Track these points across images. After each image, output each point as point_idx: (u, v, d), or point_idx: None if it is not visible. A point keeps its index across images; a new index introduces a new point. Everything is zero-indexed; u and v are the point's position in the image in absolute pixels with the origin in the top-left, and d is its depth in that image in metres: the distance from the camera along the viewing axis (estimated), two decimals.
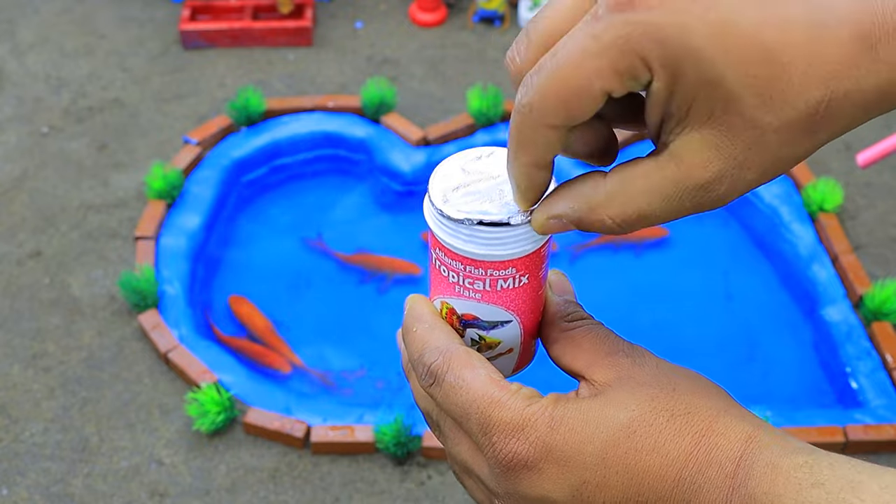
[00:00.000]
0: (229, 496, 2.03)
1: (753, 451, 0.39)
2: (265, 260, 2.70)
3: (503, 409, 0.42)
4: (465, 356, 0.44)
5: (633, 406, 0.41)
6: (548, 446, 0.41)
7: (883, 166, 2.79)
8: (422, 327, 0.47)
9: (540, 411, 0.42)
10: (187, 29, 3.24)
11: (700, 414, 0.41)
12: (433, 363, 0.45)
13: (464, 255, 0.44)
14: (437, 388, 0.44)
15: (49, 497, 2.03)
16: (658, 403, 0.41)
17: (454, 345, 0.45)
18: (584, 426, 0.41)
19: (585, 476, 0.41)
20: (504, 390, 0.43)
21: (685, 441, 0.40)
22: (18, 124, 2.98)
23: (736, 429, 0.41)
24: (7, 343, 2.34)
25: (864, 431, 2.09)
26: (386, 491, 2.04)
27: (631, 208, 0.39)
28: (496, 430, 0.42)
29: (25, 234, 2.62)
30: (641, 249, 2.74)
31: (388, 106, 2.89)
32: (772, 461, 0.38)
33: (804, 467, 0.37)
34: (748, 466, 0.38)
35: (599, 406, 0.42)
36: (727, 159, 0.37)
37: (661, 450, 0.40)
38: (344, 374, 2.42)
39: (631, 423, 0.41)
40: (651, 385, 0.42)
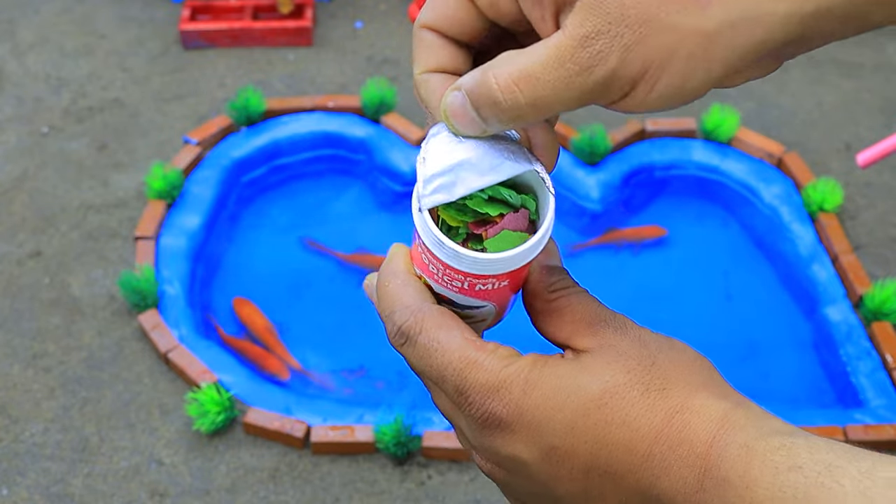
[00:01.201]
0: (229, 496, 2.03)
1: (727, 432, 0.38)
2: (265, 260, 2.70)
3: (479, 371, 0.42)
4: (438, 316, 0.44)
5: (608, 377, 0.41)
6: (521, 409, 0.41)
7: (883, 166, 2.79)
8: (394, 283, 0.46)
9: (516, 373, 0.41)
10: (187, 29, 3.24)
11: (676, 390, 0.40)
12: (405, 323, 0.44)
13: (444, 263, 0.44)
14: (410, 349, 0.44)
15: (49, 497, 2.03)
16: (633, 376, 0.41)
17: (426, 305, 0.44)
18: (556, 393, 0.41)
19: (554, 442, 0.41)
20: (481, 350, 0.42)
21: (657, 417, 0.40)
22: (18, 124, 2.98)
23: (711, 408, 0.40)
24: (7, 343, 2.34)
25: (864, 431, 2.09)
26: (386, 491, 2.04)
27: (515, 68, 0.38)
28: (472, 391, 0.42)
29: (25, 234, 2.62)
30: (640, 249, 2.74)
31: (388, 106, 2.89)
32: (747, 443, 0.37)
33: (781, 450, 0.36)
34: (721, 448, 0.38)
35: (574, 373, 0.41)
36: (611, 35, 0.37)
37: (631, 424, 0.40)
38: (344, 374, 2.42)
39: (603, 395, 0.40)
40: (630, 356, 0.42)
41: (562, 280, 0.46)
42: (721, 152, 2.82)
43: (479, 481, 2.06)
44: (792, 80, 3.17)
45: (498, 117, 0.40)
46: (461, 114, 0.41)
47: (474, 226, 0.44)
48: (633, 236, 2.76)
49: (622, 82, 0.38)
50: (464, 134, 0.42)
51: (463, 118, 0.41)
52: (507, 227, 0.44)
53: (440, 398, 0.46)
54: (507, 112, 0.39)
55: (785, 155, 2.78)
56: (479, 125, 0.41)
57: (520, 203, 0.44)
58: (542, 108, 0.39)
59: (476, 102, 0.40)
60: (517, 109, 0.39)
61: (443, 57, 0.44)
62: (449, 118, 0.42)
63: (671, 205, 2.84)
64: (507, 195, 0.44)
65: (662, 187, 2.86)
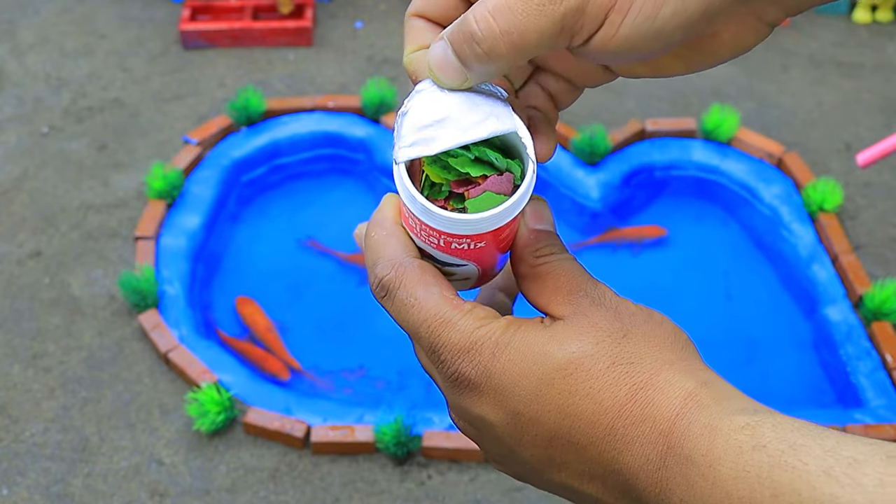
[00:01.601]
0: (229, 496, 2.03)
1: (692, 410, 0.38)
2: (265, 260, 2.70)
3: (452, 330, 0.42)
4: (418, 272, 0.44)
5: (576, 346, 0.41)
6: (488, 371, 0.41)
7: (883, 166, 2.79)
8: (380, 233, 0.46)
9: (487, 335, 0.41)
10: (187, 29, 3.24)
11: (643, 364, 0.40)
12: (385, 276, 0.44)
13: (418, 218, 0.43)
14: (389, 302, 0.44)
15: (49, 497, 2.03)
16: (602, 348, 0.41)
17: (408, 259, 0.44)
18: (523, 358, 0.41)
19: (519, 408, 0.41)
20: (456, 310, 0.42)
21: (621, 391, 0.39)
22: (18, 124, 2.98)
23: (677, 385, 0.39)
24: (7, 343, 2.34)
25: (864, 431, 2.09)
26: (386, 491, 2.04)
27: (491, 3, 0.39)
28: (444, 350, 0.42)
29: (25, 234, 2.62)
30: (640, 249, 2.74)
31: (388, 106, 2.89)
32: (710, 423, 0.37)
33: (746, 429, 0.36)
34: (685, 426, 0.37)
35: (543, 341, 0.41)
36: None
37: (595, 396, 0.39)
38: (344, 374, 2.42)
39: (568, 365, 0.40)
40: (601, 328, 0.41)
41: (549, 246, 0.46)
42: (721, 152, 2.82)
43: (479, 481, 2.06)
44: (792, 80, 3.17)
45: (477, 56, 0.40)
46: (442, 61, 0.41)
47: (456, 185, 0.44)
48: (632, 236, 2.77)
49: (595, 10, 0.38)
50: (447, 84, 0.42)
51: (444, 65, 0.41)
52: (489, 189, 0.43)
53: (419, 352, 0.46)
54: (484, 46, 0.39)
55: (785, 155, 2.78)
56: (461, 72, 0.41)
57: (504, 167, 0.44)
58: (519, 40, 0.38)
59: (456, 43, 0.40)
60: (493, 41, 0.39)
61: (431, 38, 0.44)
62: (433, 70, 0.41)
63: (671, 205, 2.84)
64: (494, 157, 0.43)
65: (662, 187, 2.86)
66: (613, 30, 0.38)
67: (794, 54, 3.27)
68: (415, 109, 0.43)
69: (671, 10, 0.38)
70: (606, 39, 0.39)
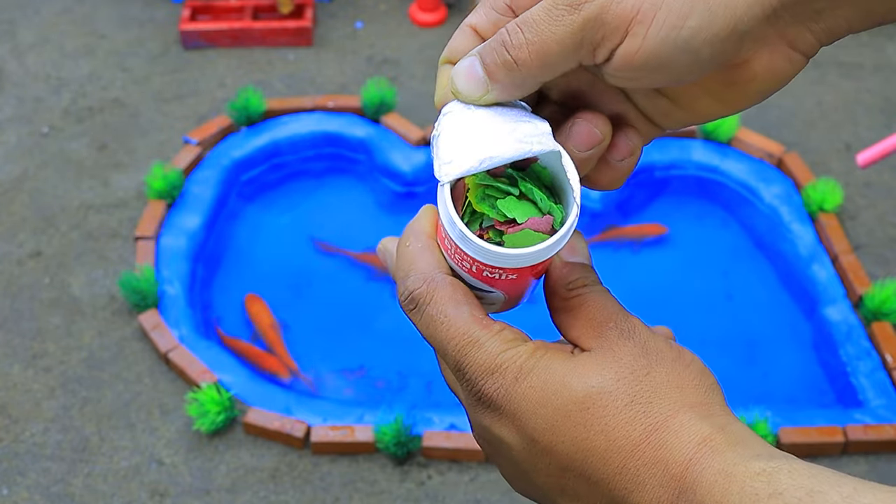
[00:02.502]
0: (229, 496, 2.03)
1: (705, 456, 0.37)
2: (265, 260, 2.71)
3: (480, 350, 0.42)
4: (450, 289, 0.44)
5: (596, 381, 0.40)
6: (510, 396, 0.41)
7: (883, 166, 2.79)
8: (415, 245, 0.46)
9: (512, 359, 0.41)
10: (187, 29, 3.24)
11: (662, 405, 0.40)
12: (417, 290, 0.44)
13: (454, 242, 0.43)
14: (418, 316, 0.44)
15: (49, 497, 2.03)
16: (622, 385, 0.40)
17: (440, 275, 0.44)
18: (543, 387, 0.41)
19: (535, 436, 0.41)
20: (485, 330, 0.42)
21: (635, 431, 0.39)
22: (19, 124, 2.98)
23: (692, 428, 0.39)
24: (7, 343, 2.34)
25: (864, 431, 2.09)
26: (386, 491, 2.04)
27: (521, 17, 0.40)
28: (470, 369, 0.42)
29: (26, 234, 2.62)
30: (641, 247, 2.74)
31: (388, 106, 2.89)
32: (725, 469, 0.36)
33: (762, 476, 0.35)
34: (698, 472, 0.37)
35: (565, 371, 0.41)
36: None
37: (609, 434, 0.39)
38: (344, 374, 2.42)
39: (586, 399, 0.40)
40: (624, 364, 0.41)
41: (582, 278, 0.46)
42: (721, 152, 2.82)
43: (479, 481, 2.06)
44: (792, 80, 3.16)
45: (505, 65, 0.40)
46: (467, 71, 0.42)
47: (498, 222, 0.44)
48: (633, 234, 2.77)
49: (615, 21, 0.38)
50: (465, 94, 0.42)
51: (468, 75, 0.42)
52: (529, 227, 0.43)
53: (444, 368, 0.46)
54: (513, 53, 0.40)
55: (785, 155, 2.78)
56: (483, 83, 0.41)
57: (547, 210, 0.43)
58: (542, 51, 0.39)
59: (486, 54, 0.41)
60: (520, 49, 0.40)
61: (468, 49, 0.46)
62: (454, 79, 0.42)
63: (671, 205, 2.84)
64: (539, 198, 0.43)
65: (662, 187, 2.87)
66: (638, 42, 0.38)
67: None
68: (450, 128, 0.43)
69: (696, 22, 0.37)
70: (631, 53, 0.39)
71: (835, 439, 2.08)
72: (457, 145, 0.42)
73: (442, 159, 0.42)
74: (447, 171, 0.42)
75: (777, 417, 2.13)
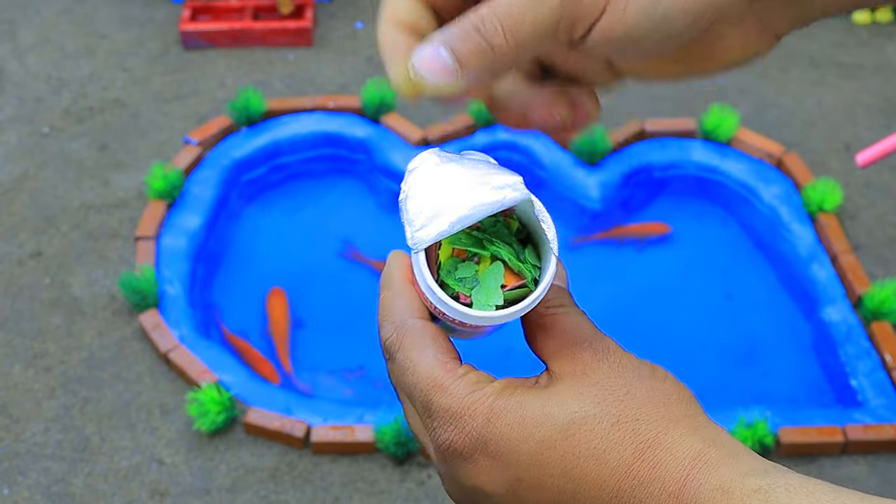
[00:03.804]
0: (230, 496, 2.04)
1: (701, 472, 0.37)
2: (265, 260, 2.71)
3: (444, 395, 0.41)
4: (417, 335, 0.43)
5: (576, 407, 0.39)
6: (483, 439, 0.40)
7: (882, 166, 2.79)
8: (386, 294, 0.45)
9: (480, 401, 0.40)
10: (188, 29, 3.24)
11: (648, 423, 0.39)
12: (388, 339, 0.44)
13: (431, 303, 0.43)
14: (392, 364, 0.44)
15: (50, 496, 2.03)
16: (604, 408, 0.39)
17: (411, 320, 0.44)
18: (521, 422, 0.39)
19: (519, 474, 0.39)
20: (449, 374, 0.41)
21: (626, 451, 0.38)
22: (19, 124, 2.99)
23: (684, 445, 0.38)
24: (8, 343, 2.34)
25: (864, 431, 2.09)
26: (386, 491, 2.05)
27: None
28: (435, 416, 0.41)
29: (26, 234, 2.62)
30: (643, 246, 2.75)
31: (388, 106, 2.89)
32: (722, 485, 0.36)
33: (759, 493, 0.35)
34: (695, 489, 0.36)
35: (542, 402, 0.40)
36: None
37: (600, 457, 0.38)
38: (344, 374, 2.43)
39: (570, 426, 0.39)
40: (602, 386, 0.40)
41: (559, 298, 0.45)
42: (721, 152, 2.82)
43: None
44: (792, 80, 3.17)
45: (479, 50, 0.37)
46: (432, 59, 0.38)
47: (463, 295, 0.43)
48: (636, 233, 2.77)
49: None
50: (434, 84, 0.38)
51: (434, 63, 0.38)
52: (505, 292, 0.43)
53: (412, 416, 0.45)
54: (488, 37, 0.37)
55: (784, 155, 2.78)
56: (452, 71, 0.38)
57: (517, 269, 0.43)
58: (518, 34, 0.37)
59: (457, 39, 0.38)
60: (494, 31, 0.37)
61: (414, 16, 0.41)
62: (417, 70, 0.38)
63: (671, 205, 2.84)
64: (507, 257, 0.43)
65: (662, 187, 2.87)
66: (617, 18, 0.37)
67: (793, 55, 3.27)
68: (417, 188, 0.41)
69: None
70: (609, 29, 0.38)
71: (834, 439, 2.08)
72: (427, 208, 0.41)
73: (413, 226, 0.41)
74: (420, 237, 0.41)
75: (777, 417, 2.13)
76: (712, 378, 2.37)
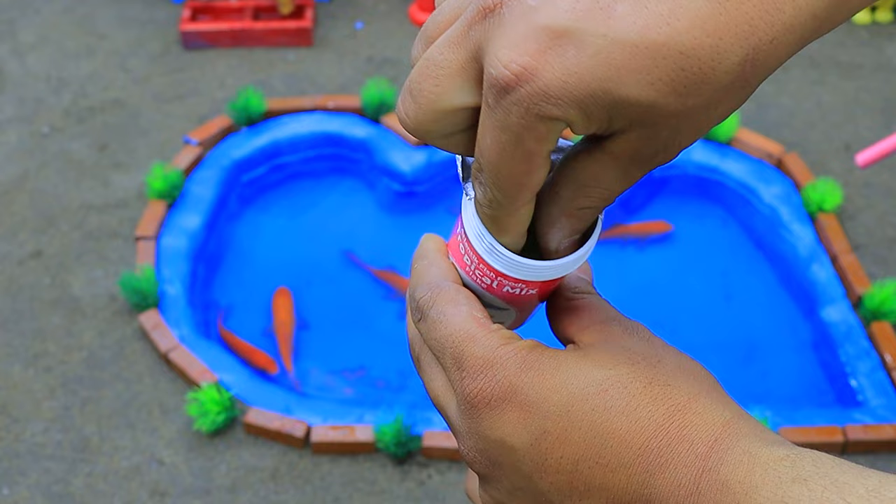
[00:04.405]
0: (230, 496, 2.04)
1: (730, 436, 0.37)
2: (265, 260, 2.71)
3: (476, 345, 0.41)
4: (452, 292, 0.44)
5: (611, 366, 0.40)
6: (513, 387, 0.40)
7: (882, 166, 2.79)
8: (421, 264, 0.46)
9: (513, 352, 0.41)
10: (188, 29, 3.24)
11: (680, 389, 0.39)
12: (421, 298, 0.44)
13: (480, 256, 0.43)
14: (423, 324, 0.44)
15: (50, 496, 2.03)
16: (638, 368, 0.40)
17: (445, 282, 0.45)
18: (554, 373, 0.40)
19: (546, 426, 0.39)
20: (482, 328, 0.42)
21: (659, 411, 0.38)
22: (19, 125, 2.99)
23: (714, 412, 0.38)
24: (8, 343, 2.34)
25: (864, 431, 2.10)
26: (386, 491, 2.05)
27: None
28: (466, 365, 0.41)
29: (26, 234, 2.62)
30: (645, 245, 2.75)
31: (388, 106, 2.89)
32: (749, 450, 0.36)
33: (785, 461, 0.35)
34: (723, 451, 0.36)
35: (576, 359, 0.40)
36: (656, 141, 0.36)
37: (632, 414, 0.38)
38: (344, 374, 2.43)
39: (604, 381, 0.39)
40: (635, 352, 0.41)
41: (586, 286, 0.47)
42: (720, 152, 2.82)
43: None
44: (792, 80, 3.17)
45: None
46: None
47: None
48: (638, 231, 2.77)
49: None
50: None
51: None
52: None
53: (435, 379, 0.45)
54: None
55: (784, 155, 2.78)
56: None
57: None
58: None
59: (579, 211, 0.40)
60: None
61: None
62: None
63: (671, 205, 2.85)
64: None
65: (662, 187, 2.87)
66: None
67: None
68: None
69: None
70: None
71: (834, 439, 2.08)
72: None
73: None
74: None
75: (777, 417, 2.13)
76: None
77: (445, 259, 0.46)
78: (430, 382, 0.46)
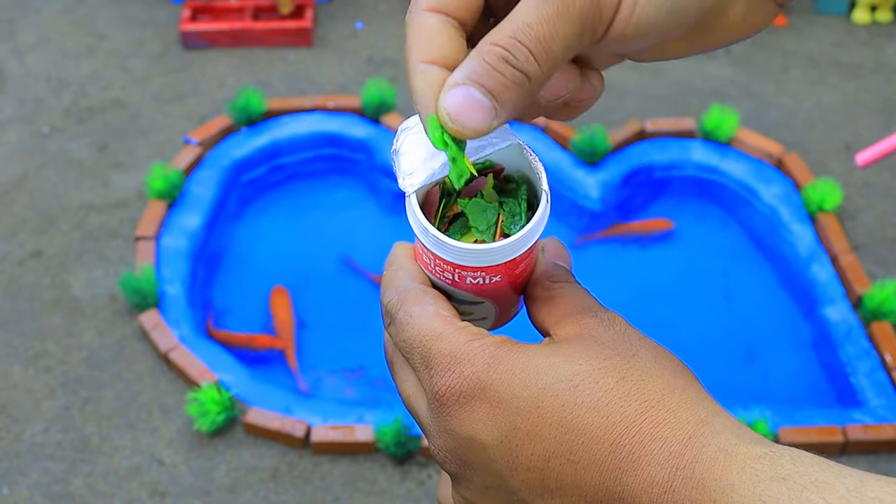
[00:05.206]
0: (230, 496, 2.04)
1: (706, 433, 0.36)
2: (265, 260, 2.71)
3: (443, 342, 0.41)
4: (419, 293, 0.43)
5: (583, 361, 0.39)
6: (482, 383, 0.39)
7: (882, 166, 2.79)
8: (389, 270, 0.46)
9: (482, 347, 0.40)
10: (188, 29, 3.24)
11: (654, 384, 0.38)
12: (389, 302, 0.44)
13: (431, 251, 0.43)
14: (393, 327, 0.44)
15: (50, 496, 2.03)
16: (611, 364, 0.39)
17: (412, 283, 0.44)
18: (524, 369, 0.39)
19: (516, 422, 0.38)
20: (449, 325, 0.41)
21: (631, 407, 0.37)
22: (19, 125, 2.99)
23: (689, 409, 0.37)
24: (8, 343, 2.34)
25: (864, 431, 2.10)
26: (386, 491, 2.05)
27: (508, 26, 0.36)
28: (434, 363, 0.41)
29: (26, 234, 2.62)
30: (646, 243, 2.75)
31: (388, 106, 2.89)
32: (726, 447, 0.35)
33: (763, 458, 0.34)
34: (698, 448, 0.35)
35: (547, 354, 0.39)
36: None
37: (603, 410, 0.37)
38: (344, 374, 2.43)
39: (575, 377, 0.38)
40: (609, 346, 0.40)
41: (563, 274, 0.46)
42: (721, 152, 2.82)
43: None
44: (792, 80, 3.17)
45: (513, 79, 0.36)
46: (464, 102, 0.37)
47: None
48: (640, 230, 2.77)
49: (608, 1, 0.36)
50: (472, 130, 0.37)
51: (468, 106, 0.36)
52: None
53: (406, 380, 0.45)
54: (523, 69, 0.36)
55: (784, 155, 2.78)
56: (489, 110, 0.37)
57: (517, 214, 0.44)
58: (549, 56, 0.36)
59: (487, 79, 0.36)
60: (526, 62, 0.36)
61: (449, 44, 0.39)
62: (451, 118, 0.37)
63: (671, 205, 2.84)
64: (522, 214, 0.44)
65: (662, 187, 2.87)
66: (629, 14, 0.37)
67: (793, 55, 3.27)
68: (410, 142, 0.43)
69: None
70: (623, 26, 0.37)
71: (834, 439, 2.08)
72: (418, 156, 0.42)
73: (404, 171, 0.43)
74: (410, 181, 0.43)
75: (777, 417, 2.13)
76: (712, 378, 2.35)
77: (413, 263, 0.46)
78: (401, 384, 0.45)
